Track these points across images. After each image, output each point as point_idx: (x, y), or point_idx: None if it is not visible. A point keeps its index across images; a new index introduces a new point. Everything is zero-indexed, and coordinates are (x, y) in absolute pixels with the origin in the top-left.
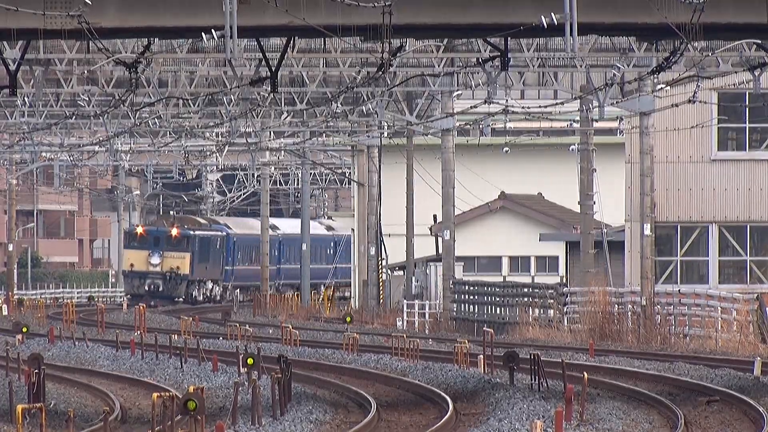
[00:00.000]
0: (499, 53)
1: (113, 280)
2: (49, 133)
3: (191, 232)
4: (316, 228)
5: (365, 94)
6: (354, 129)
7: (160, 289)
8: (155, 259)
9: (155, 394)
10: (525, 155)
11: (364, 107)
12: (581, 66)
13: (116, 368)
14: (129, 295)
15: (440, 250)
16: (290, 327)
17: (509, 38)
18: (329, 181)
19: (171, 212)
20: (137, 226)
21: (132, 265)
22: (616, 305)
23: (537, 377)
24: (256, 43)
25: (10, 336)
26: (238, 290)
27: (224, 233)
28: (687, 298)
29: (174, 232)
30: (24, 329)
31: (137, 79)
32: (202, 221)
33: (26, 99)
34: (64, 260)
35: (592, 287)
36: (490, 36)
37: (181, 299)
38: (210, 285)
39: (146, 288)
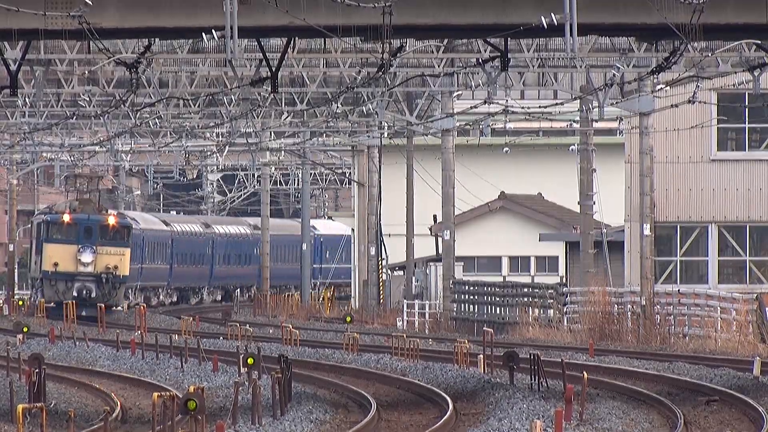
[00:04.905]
0: (499, 53)
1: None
2: (50, 134)
3: (130, 222)
4: (193, 224)
5: (365, 95)
6: (354, 129)
7: (93, 294)
8: (87, 257)
9: (155, 394)
10: (525, 155)
11: (364, 107)
12: (581, 66)
13: (117, 368)
14: (53, 303)
15: (440, 250)
16: (290, 327)
17: (509, 38)
18: (329, 181)
19: (94, 191)
20: (62, 213)
21: (56, 264)
22: (616, 305)
23: (537, 377)
24: (256, 43)
25: (10, 336)
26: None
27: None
28: (686, 298)
29: (111, 220)
30: (25, 329)
31: (138, 80)
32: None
33: (27, 99)
34: None
35: (591, 287)
36: (490, 36)
37: (121, 308)
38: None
39: (75, 294)
